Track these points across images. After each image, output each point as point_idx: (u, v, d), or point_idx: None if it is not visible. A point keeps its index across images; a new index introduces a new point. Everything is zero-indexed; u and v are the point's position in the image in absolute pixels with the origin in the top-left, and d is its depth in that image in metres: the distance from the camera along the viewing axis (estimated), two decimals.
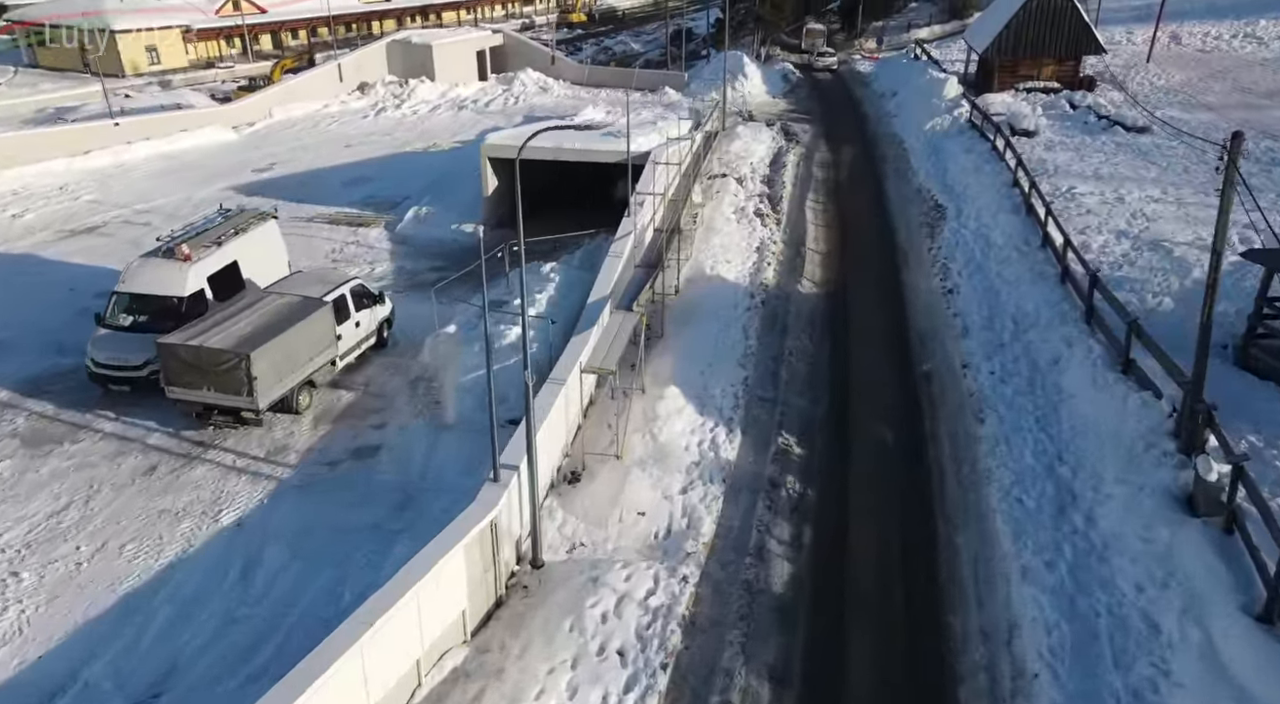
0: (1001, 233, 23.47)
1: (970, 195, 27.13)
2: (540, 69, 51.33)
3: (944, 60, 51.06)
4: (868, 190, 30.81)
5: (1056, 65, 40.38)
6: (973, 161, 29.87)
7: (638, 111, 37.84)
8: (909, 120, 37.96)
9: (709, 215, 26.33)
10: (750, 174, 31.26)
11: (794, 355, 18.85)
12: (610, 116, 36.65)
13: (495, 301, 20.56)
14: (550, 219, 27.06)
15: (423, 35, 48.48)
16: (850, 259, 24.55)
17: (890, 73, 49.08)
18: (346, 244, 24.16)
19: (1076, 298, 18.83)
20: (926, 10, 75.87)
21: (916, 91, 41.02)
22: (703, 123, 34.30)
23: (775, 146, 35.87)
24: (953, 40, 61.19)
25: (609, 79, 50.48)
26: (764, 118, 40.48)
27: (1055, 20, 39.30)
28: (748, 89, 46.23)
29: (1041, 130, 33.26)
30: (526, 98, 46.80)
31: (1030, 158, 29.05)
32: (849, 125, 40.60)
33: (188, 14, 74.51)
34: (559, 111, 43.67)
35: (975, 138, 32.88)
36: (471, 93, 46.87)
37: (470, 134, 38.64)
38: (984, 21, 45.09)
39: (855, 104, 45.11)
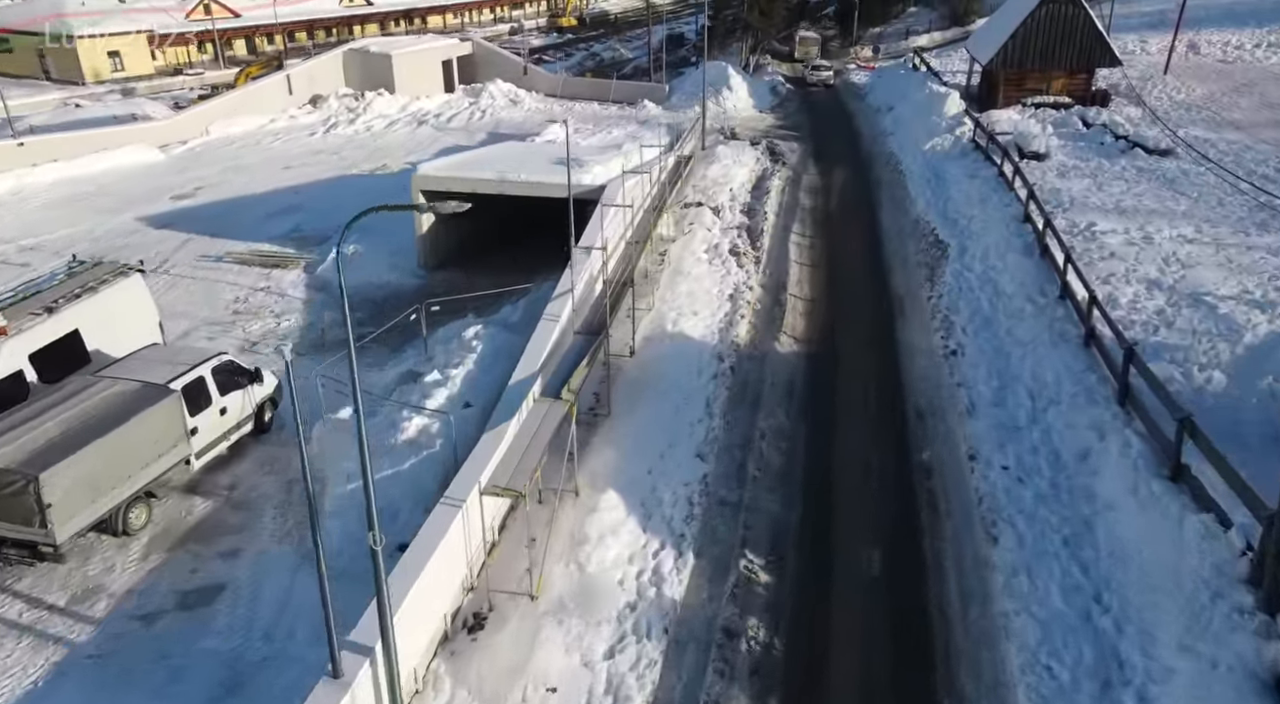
0: (1012, 278, 20.48)
1: (975, 230, 24.17)
2: (511, 80, 48.44)
3: (945, 71, 48.23)
4: (860, 221, 27.86)
5: (1067, 78, 37.54)
6: (977, 189, 26.93)
7: (609, 129, 35.06)
8: (907, 139, 35.05)
9: (677, 255, 23.33)
10: (729, 202, 28.28)
11: (767, 439, 15.81)
12: (579, 135, 33.75)
13: (410, 373, 17.67)
14: (498, 261, 24.23)
15: (382, 44, 45.61)
16: (838, 308, 21.54)
17: (887, 84, 46.23)
18: (255, 290, 21.12)
19: (1104, 367, 15.84)
20: (926, 17, 73.17)
21: (915, 107, 38.14)
22: (678, 143, 31.40)
23: (759, 169, 32.91)
24: (954, 49, 58.43)
25: (585, 91, 47.61)
26: (748, 135, 37.56)
27: (1066, 30, 36.47)
28: (733, 103, 43.34)
29: (1053, 153, 30.35)
30: (494, 112, 43.88)
31: (1042, 186, 26.11)
32: (841, 144, 37.70)
33: (154, 18, 71.95)
34: (527, 128, 40.77)
35: (980, 161, 29.95)
36: (435, 106, 43.93)
37: (427, 153, 35.67)
38: (988, 30, 42.27)
39: (848, 119, 42.22)
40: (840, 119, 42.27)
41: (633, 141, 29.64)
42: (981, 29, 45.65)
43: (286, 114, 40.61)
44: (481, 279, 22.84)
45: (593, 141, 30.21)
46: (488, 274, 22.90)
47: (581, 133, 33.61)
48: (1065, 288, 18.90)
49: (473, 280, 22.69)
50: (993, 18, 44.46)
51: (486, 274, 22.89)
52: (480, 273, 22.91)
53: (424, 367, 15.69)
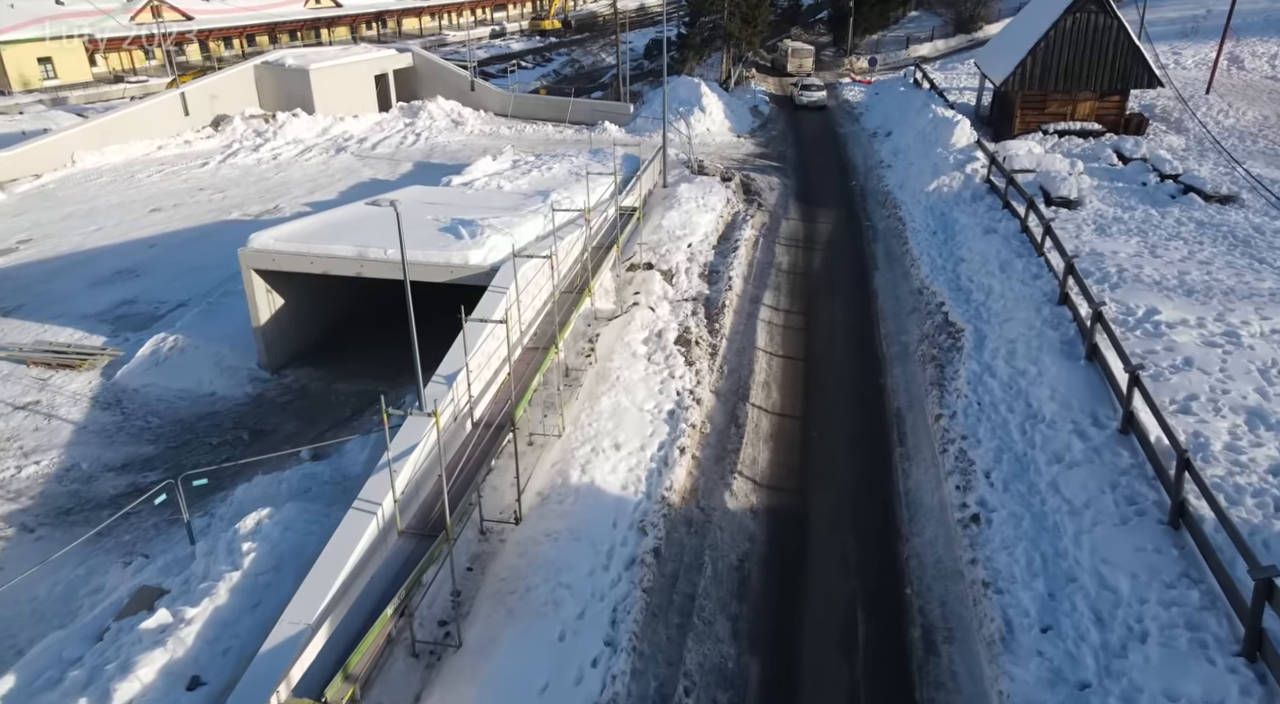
0: (1051, 394, 15.29)
1: (996, 310, 19.00)
2: (457, 97, 43.30)
3: (950, 87, 43.19)
4: (848, 289, 22.69)
5: (1096, 101, 32.49)
6: (996, 249, 21.77)
7: (554, 162, 29.88)
8: (907, 174, 29.94)
9: (609, 344, 18.12)
10: (686, 263, 23.11)
11: (697, 693, 10.57)
12: (516, 171, 28.57)
13: (143, 594, 11.74)
14: (377, 354, 18.77)
15: (301, 56, 40.43)
16: (816, 430, 16.33)
17: (885, 104, 41.18)
18: (14, 408, 15.80)
19: (1212, 577, 10.68)
20: (929, 23, 68.26)
21: (917, 134, 33.04)
22: (630, 184, 26.26)
23: (729, 213, 27.76)
24: (959, 60, 53.45)
25: (539, 110, 42.48)
26: (722, 167, 32.40)
27: (1096, 44, 31.43)
28: (706, 126, 38.23)
29: (1087, 198, 25.24)
30: (431, 135, 38.72)
31: (1079, 246, 21.00)
32: (830, 179, 32.57)
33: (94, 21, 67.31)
34: (464, 155, 35.58)
35: (997, 208, 24.82)
36: (361, 129, 38.76)
37: (334, 190, 30.47)
38: (1001, 43, 37.22)
39: (839, 146, 37.11)
40: (830, 146, 37.16)
41: (579, 181, 24.49)
42: (994, 41, 40.61)
43: (180, 138, 35.37)
44: (345, 383, 17.60)
45: (522, 183, 25.07)
46: (356, 376, 17.68)
47: (519, 169, 28.48)
48: (1129, 418, 13.72)
49: (332, 386, 17.44)
50: (1007, 28, 39.43)
51: (354, 376, 17.67)
52: (346, 374, 17.71)
53: (172, 578, 10.46)
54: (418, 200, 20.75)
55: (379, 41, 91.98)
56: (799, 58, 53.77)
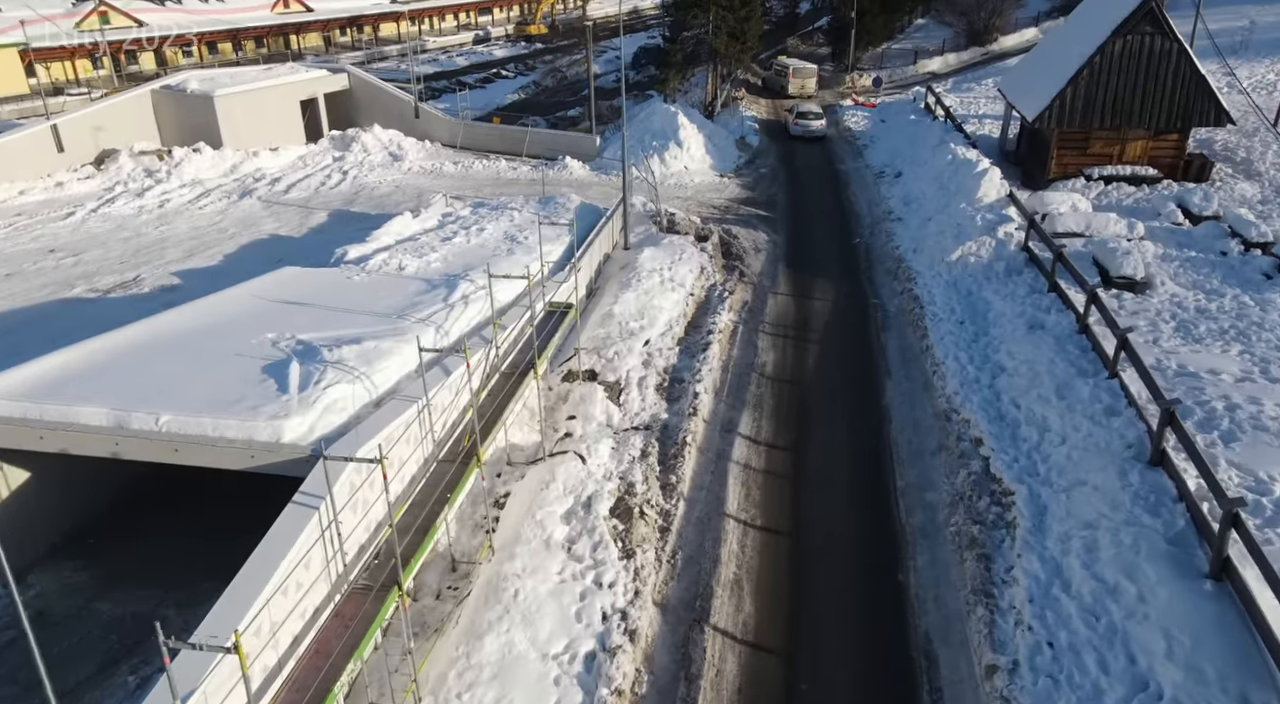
0: (1168, 648, 10.15)
1: (1059, 465, 13.91)
2: (399, 124, 38.29)
3: (968, 114, 38.27)
4: (852, 408, 17.56)
5: (1150, 140, 27.54)
6: (1048, 360, 16.71)
7: (494, 217, 24.85)
8: (923, 234, 24.89)
9: (514, 525, 13.01)
10: (640, 368, 18.04)
11: None
12: (443, 229, 23.52)
13: None
14: (153, 545, 13.41)
15: (210, 78, 35.37)
16: (807, 685, 11.19)
17: (893, 135, 36.20)
18: None
19: None
20: (938, 33, 63.43)
21: (934, 179, 28.02)
22: (581, 251, 21.24)
23: (703, 288, 22.72)
24: (975, 78, 48.59)
25: (491, 141, 37.45)
26: (696, 222, 27.31)
27: (1151, 72, 26.49)
28: (684, 164, 33.21)
29: (1157, 277, 20.19)
30: (362, 172, 33.66)
31: (1161, 359, 15.98)
32: (828, 234, 27.50)
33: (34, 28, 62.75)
34: (394, 200, 30.56)
35: (1040, 289, 19.78)
36: (278, 166, 33.72)
37: (220, 251, 25.37)
38: (1031, 67, 32.23)
39: (839, 188, 32.04)
40: (828, 189, 32.07)
41: (497, 261, 19.46)
42: (1022, 64, 35.54)
43: (52, 181, 30.24)
44: (113, 596, 12.42)
45: (436, 259, 19.56)
46: (131, 583, 12.51)
47: (444, 230, 23.37)
48: None
49: (91, 604, 12.26)
50: (1037, 49, 34.42)
51: (128, 583, 12.49)
52: (116, 579, 12.54)
53: None
54: (270, 300, 15.66)
55: (353, 48, 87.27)
56: (801, 78, 48.54)
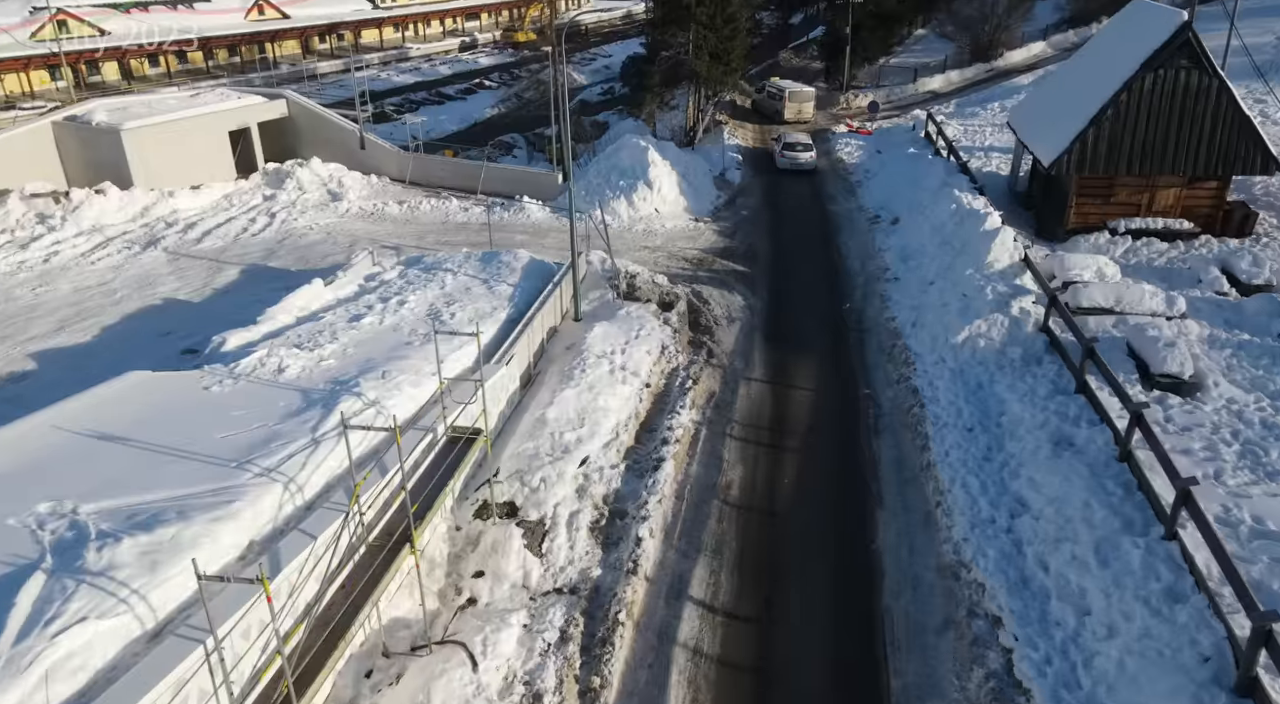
0: None
1: (1105, 672, 10.60)
2: (344, 156, 35.01)
3: (973, 145, 35.07)
4: (836, 555, 14.15)
5: (1184, 189, 24.30)
6: (1083, 502, 13.36)
7: (423, 283, 21.57)
8: (924, 302, 21.56)
9: None
10: (574, 499, 14.72)
11: None
12: (359, 301, 20.23)
13: None
14: None
15: (123, 108, 32.00)
16: None
17: (890, 171, 32.92)
18: None
19: None
20: (939, 47, 60.22)
21: (935, 232, 24.75)
22: (516, 334, 18.00)
23: (662, 376, 19.40)
24: (980, 100, 45.39)
25: (444, 176, 34.14)
26: (663, 284, 23.99)
27: (1187, 112, 23.26)
28: (654, 206, 29.91)
29: (1208, 375, 16.89)
30: (293, 215, 30.31)
31: (1229, 504, 12.71)
32: (814, 296, 24.11)
33: None
34: (323, 251, 27.31)
35: (1067, 390, 16.49)
36: (198, 207, 30.40)
37: (99, 323, 21.98)
38: (1046, 100, 28.95)
39: (829, 235, 28.71)
40: (817, 236, 28.73)
41: (410, 353, 16.15)
42: (1034, 96, 32.17)
43: None
44: None
45: (333, 352, 16.11)
46: None
47: (359, 302, 20.01)
48: None
49: None
50: (1054, 78, 31.09)
51: None
52: None
53: None
54: (81, 432, 12.31)
55: (333, 56, 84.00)
56: (798, 103, 44.80)
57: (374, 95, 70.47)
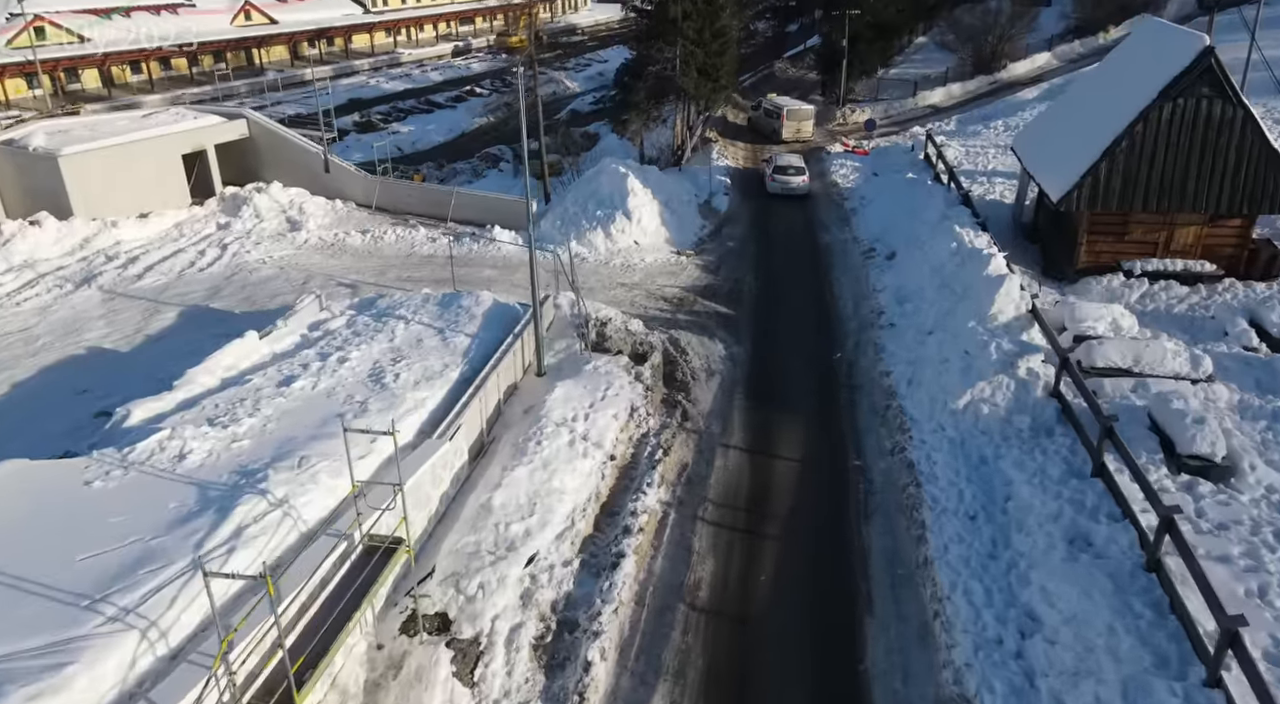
0: None
1: None
2: (307, 180, 33.18)
3: (976, 169, 33.29)
4: (815, 687, 12.34)
5: (1206, 227, 22.50)
6: (1106, 620, 11.51)
7: (372, 333, 19.75)
8: (922, 355, 19.69)
9: None
10: (516, 610, 12.85)
11: None
12: (295, 359, 18.39)
13: None
14: None
15: (64, 131, 30.12)
16: None
17: (886, 198, 31.09)
18: None
19: None
20: (941, 58, 58.46)
21: (935, 272, 22.90)
22: (464, 401, 16.21)
23: (629, 444, 17.53)
24: (982, 117, 43.63)
25: (412, 203, 32.31)
26: (639, 330, 22.14)
27: (1209, 144, 21.46)
28: (634, 238, 28.05)
29: (1241, 456, 15.03)
30: (246, 247, 28.46)
31: (1276, 629, 10.88)
32: (803, 344, 22.16)
33: None
34: (274, 288, 25.51)
35: (1083, 473, 14.68)
36: (144, 238, 28.56)
37: (6, 380, 20.04)
38: (1054, 127, 27.11)
39: (821, 271, 26.81)
40: (808, 271, 26.84)
41: (336, 430, 14.33)
42: (1041, 120, 30.19)
43: None
44: None
45: (248, 431, 14.20)
46: None
47: (294, 360, 18.18)
48: None
49: None
50: (1063, 102, 29.18)
51: None
52: None
53: None
54: None
55: (322, 61, 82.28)
56: (796, 122, 42.55)
57: (361, 103, 69.02)
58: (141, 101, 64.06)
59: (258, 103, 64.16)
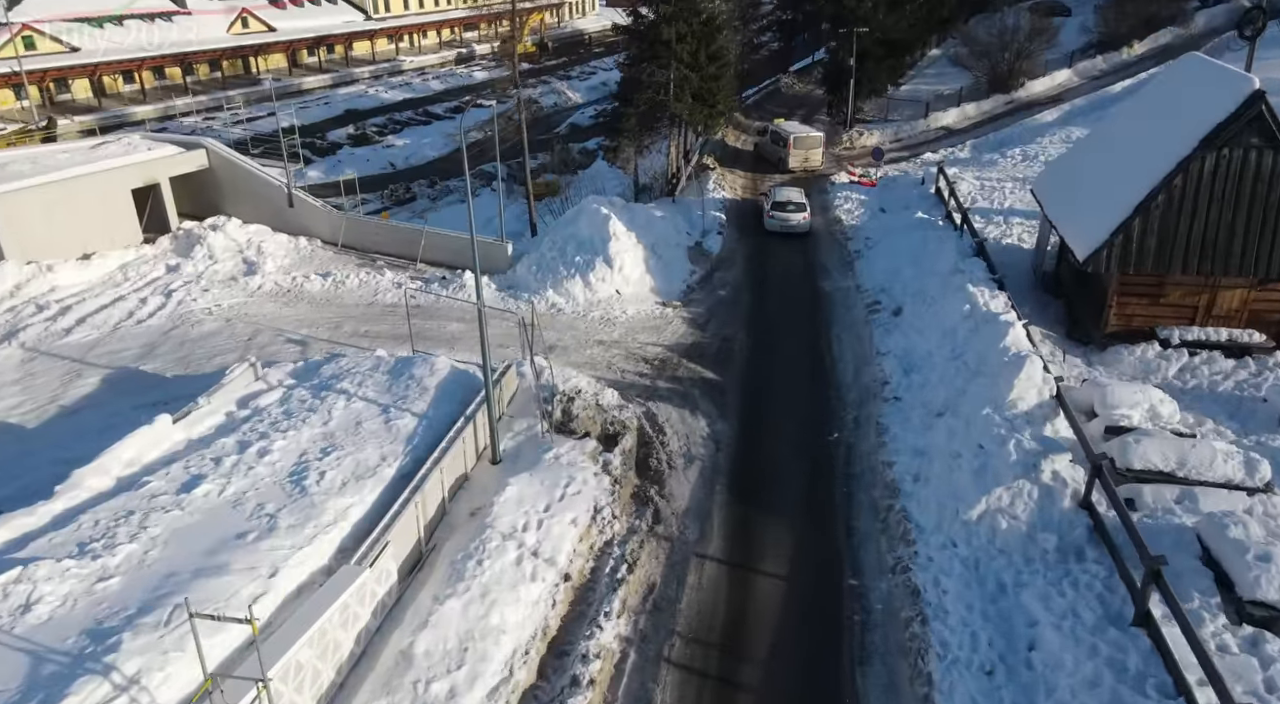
0: None
1: None
2: (270, 216, 31.05)
3: (991, 207, 30.84)
4: None
5: (1253, 291, 20.06)
6: None
7: (307, 414, 17.50)
8: (930, 446, 17.30)
9: None
10: None
11: None
12: (218, 441, 16.24)
13: None
14: None
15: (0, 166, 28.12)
16: None
17: (893, 237, 28.71)
18: None
19: None
20: (954, 75, 55.97)
21: (946, 338, 20.54)
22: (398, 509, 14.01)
23: (588, 557, 15.22)
24: (1000, 145, 41.17)
25: (381, 242, 30.10)
26: (610, 398, 19.84)
27: (1258, 201, 19.05)
28: (615, 287, 25.75)
29: None
30: (194, 293, 26.29)
31: None
32: (794, 424, 19.62)
33: None
34: (215, 344, 23.31)
35: (1118, 620, 12.33)
36: (83, 283, 26.43)
37: None
38: (1078, 171, 24.60)
39: (819, 329, 24.34)
40: (805, 328, 24.43)
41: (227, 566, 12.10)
42: (1064, 163, 27.32)
43: None
44: None
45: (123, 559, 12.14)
46: None
47: (214, 448, 16.06)
48: None
49: None
50: (1089, 143, 26.60)
51: None
52: None
53: None
54: None
55: (321, 69, 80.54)
56: (804, 150, 39.39)
57: (358, 114, 67.09)
58: (133, 112, 62.47)
59: (251, 114, 62.63)
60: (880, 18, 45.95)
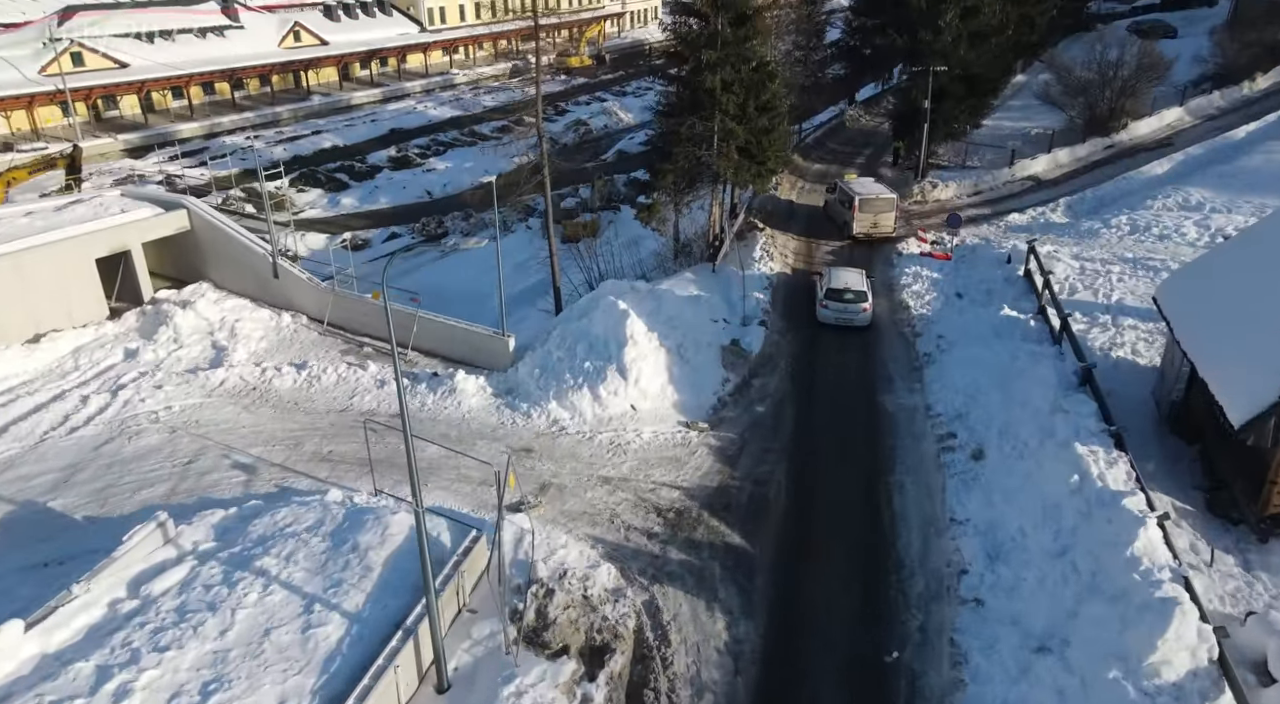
0: None
1: None
2: (254, 286, 27.72)
3: (1095, 301, 25.76)
4: None
5: None
6: None
7: (212, 600, 13.76)
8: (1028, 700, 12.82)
9: None
10: None
11: None
12: (77, 662, 12.61)
13: None
14: None
15: None
16: None
17: (973, 340, 23.86)
18: None
19: None
20: (1039, 109, 50.26)
21: (1047, 516, 15.84)
22: None
23: None
24: (1100, 206, 35.86)
25: (370, 322, 26.47)
26: (605, 580, 15.64)
27: None
28: (629, 403, 21.51)
29: None
30: (145, 388, 22.87)
31: None
32: (842, 630, 15.01)
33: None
34: (151, 466, 19.86)
35: None
36: (22, 373, 23.23)
37: None
38: (1225, 290, 19.38)
39: (878, 473, 19.49)
40: (860, 471, 19.56)
41: None
42: (1203, 269, 20.89)
43: None
44: None
45: None
46: None
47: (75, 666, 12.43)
48: None
49: None
50: (1239, 244, 21.20)
51: None
52: None
53: None
54: None
55: (372, 83, 78.58)
56: (872, 214, 33.56)
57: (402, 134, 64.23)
58: (178, 130, 61.01)
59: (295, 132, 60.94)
60: (961, 53, 40.80)
